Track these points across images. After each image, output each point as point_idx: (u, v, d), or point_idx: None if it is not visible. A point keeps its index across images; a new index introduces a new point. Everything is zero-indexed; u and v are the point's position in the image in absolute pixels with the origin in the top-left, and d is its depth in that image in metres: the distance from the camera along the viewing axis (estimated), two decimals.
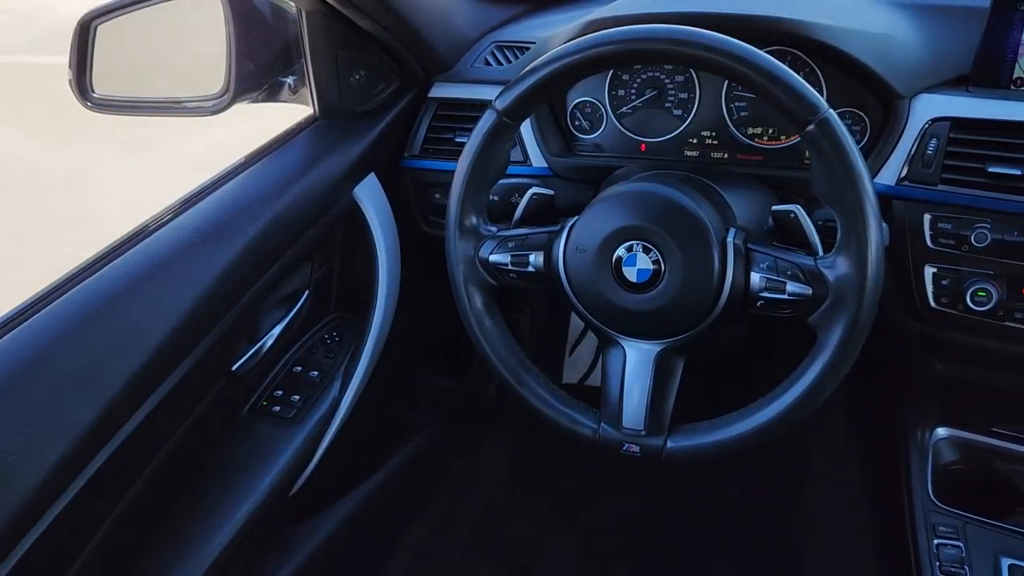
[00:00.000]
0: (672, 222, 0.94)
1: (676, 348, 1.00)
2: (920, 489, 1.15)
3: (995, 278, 1.06)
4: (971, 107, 1.07)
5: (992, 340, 1.11)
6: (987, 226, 1.05)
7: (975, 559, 1.06)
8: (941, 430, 1.23)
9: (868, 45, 1.09)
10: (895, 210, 1.11)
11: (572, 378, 2.16)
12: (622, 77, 1.29)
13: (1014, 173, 1.02)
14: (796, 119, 0.86)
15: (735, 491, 1.87)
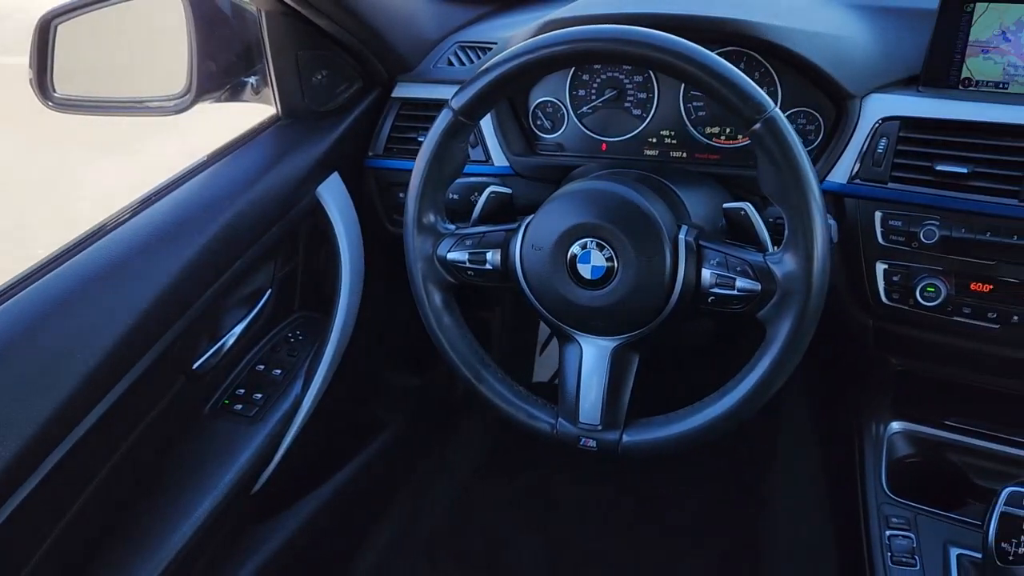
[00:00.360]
0: (625, 220, 0.95)
1: (631, 344, 1.01)
2: (874, 482, 1.17)
3: (944, 274, 1.08)
4: (920, 107, 1.10)
5: (941, 335, 1.13)
6: (936, 223, 1.07)
7: (925, 549, 1.07)
8: (895, 424, 1.25)
9: (819, 46, 1.11)
10: (847, 208, 1.13)
11: (543, 376, 2.17)
12: (582, 77, 1.31)
13: (960, 171, 1.05)
14: (743, 118, 0.88)
15: (701, 487, 1.90)
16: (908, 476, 1.24)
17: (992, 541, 0.92)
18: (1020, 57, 1.09)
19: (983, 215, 1.05)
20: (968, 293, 1.07)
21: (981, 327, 1.08)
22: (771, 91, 1.20)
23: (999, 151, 1.04)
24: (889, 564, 1.07)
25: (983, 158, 1.05)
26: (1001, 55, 1.10)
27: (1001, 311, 1.06)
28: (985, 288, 1.07)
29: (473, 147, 1.33)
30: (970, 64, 1.12)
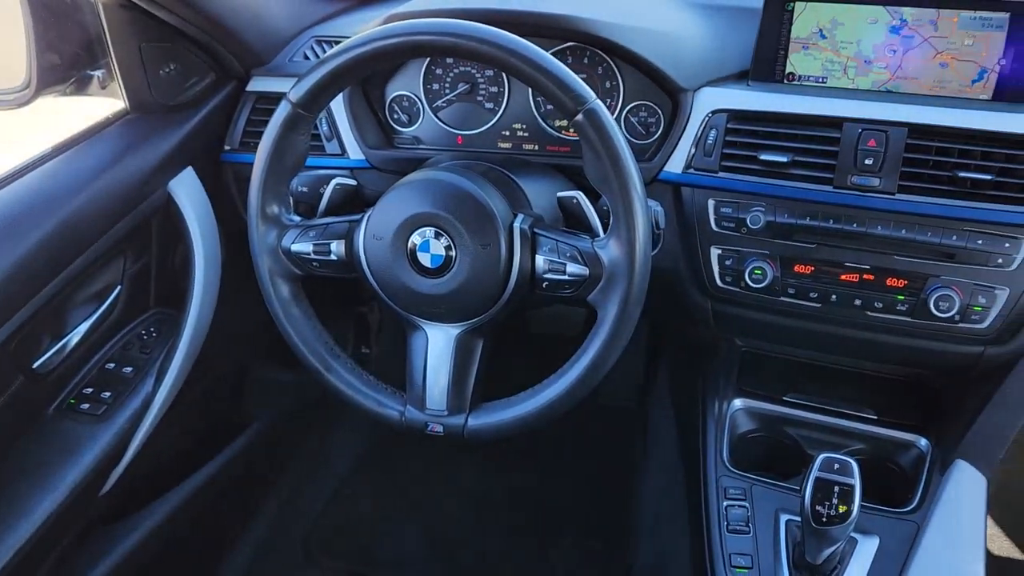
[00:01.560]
0: (460, 209, 0.98)
1: (475, 330, 1.04)
2: (714, 457, 1.23)
3: (770, 257, 1.15)
4: (747, 100, 1.16)
5: (771, 314, 1.20)
6: (761, 209, 1.13)
7: (759, 517, 1.14)
8: (738, 401, 1.32)
9: (652, 42, 1.16)
10: (684, 196, 1.19)
11: None
12: (436, 71, 1.33)
13: (782, 160, 1.11)
14: (566, 109, 0.91)
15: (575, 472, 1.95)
16: (750, 450, 1.31)
17: (808, 505, 0.98)
18: (836, 53, 1.17)
19: (803, 201, 1.12)
20: (792, 275, 1.15)
21: (805, 306, 1.16)
22: (613, 85, 1.25)
23: (816, 141, 1.11)
24: (725, 533, 1.13)
25: (802, 148, 1.12)
26: (820, 51, 1.17)
27: (821, 291, 1.14)
28: (807, 270, 1.14)
29: (329, 140, 1.33)
30: (793, 60, 1.19)
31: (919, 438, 1.23)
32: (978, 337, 1.10)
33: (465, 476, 1.94)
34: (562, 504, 1.87)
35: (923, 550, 1.06)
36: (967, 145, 1.06)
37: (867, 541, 1.09)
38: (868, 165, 1.08)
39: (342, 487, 1.87)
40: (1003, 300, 1.06)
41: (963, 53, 1.11)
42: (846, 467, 0.99)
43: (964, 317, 1.08)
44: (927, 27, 1.11)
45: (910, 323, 1.11)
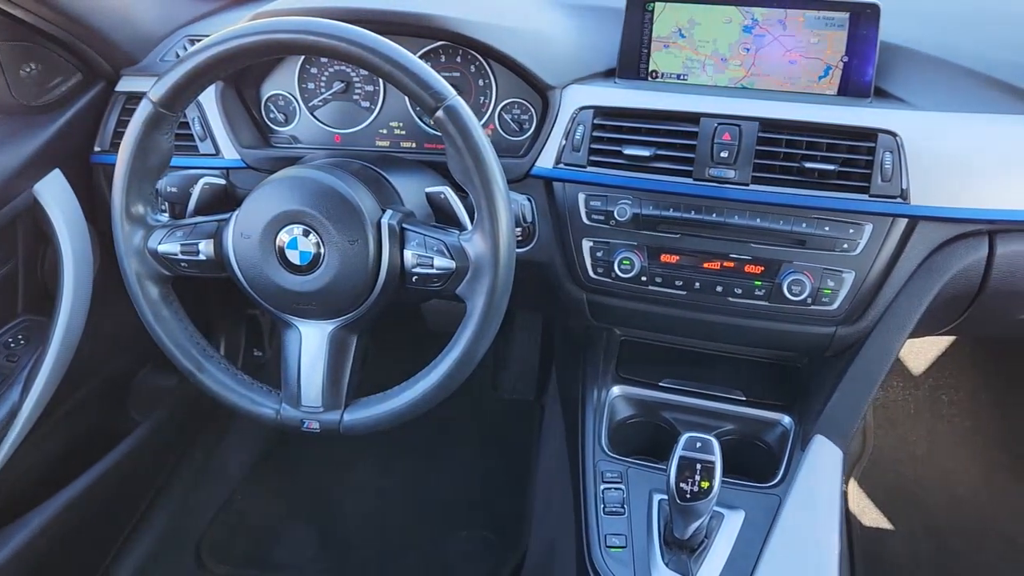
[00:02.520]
0: (327, 206, 0.99)
1: (348, 326, 1.05)
2: (593, 442, 1.27)
3: (637, 248, 1.19)
4: (612, 96, 1.20)
5: (642, 303, 1.25)
6: (628, 202, 1.18)
7: (634, 498, 1.18)
8: (616, 389, 1.36)
9: (518, 41, 1.19)
10: (556, 191, 1.22)
11: None
12: (311, 70, 1.33)
13: (645, 154, 1.16)
14: (426, 106, 0.93)
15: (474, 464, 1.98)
16: (629, 434, 1.35)
17: (673, 483, 1.03)
18: (695, 52, 1.22)
19: (666, 193, 1.17)
20: (659, 264, 1.19)
21: (671, 294, 1.21)
22: (486, 83, 1.28)
23: (676, 135, 1.16)
24: (602, 515, 1.17)
25: (663, 142, 1.17)
26: (680, 50, 1.23)
27: (686, 279, 1.19)
28: (673, 259, 1.19)
29: (202, 140, 1.31)
30: (655, 58, 1.24)
31: (783, 416, 1.30)
32: (829, 318, 1.17)
33: (362, 473, 1.94)
34: (460, 497, 1.90)
35: (783, 520, 1.12)
36: (814, 137, 1.12)
37: (733, 515, 1.14)
38: (724, 158, 1.13)
39: (235, 491, 1.84)
40: (850, 282, 1.13)
41: (810, 51, 1.18)
42: (707, 445, 1.04)
43: (816, 300, 1.15)
44: (776, 26, 1.18)
45: (768, 307, 1.17)
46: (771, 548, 1.09)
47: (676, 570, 1.08)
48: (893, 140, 1.09)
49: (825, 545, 1.10)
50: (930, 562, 1.70)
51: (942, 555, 1.72)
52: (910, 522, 1.78)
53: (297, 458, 1.95)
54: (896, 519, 1.79)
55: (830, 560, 1.08)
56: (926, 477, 1.89)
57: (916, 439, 1.98)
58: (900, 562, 1.70)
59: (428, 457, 2.01)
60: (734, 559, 1.09)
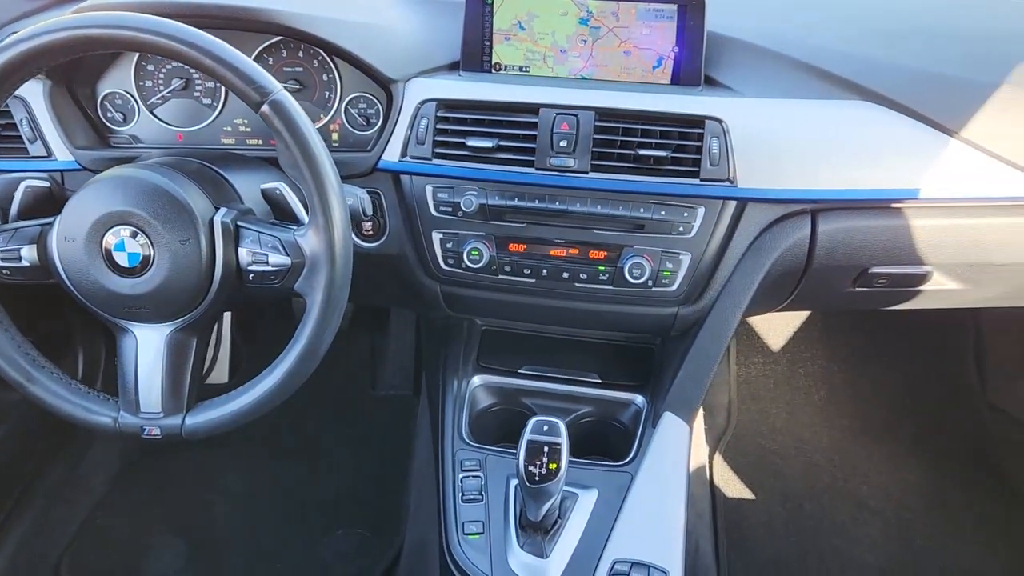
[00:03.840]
0: (155, 205, 0.96)
1: (186, 327, 1.02)
2: (452, 432, 1.28)
3: (485, 238, 1.21)
4: (455, 89, 1.21)
5: (493, 292, 1.27)
6: (474, 193, 1.19)
7: (491, 485, 1.20)
8: (477, 378, 1.38)
9: (356, 35, 1.19)
10: (404, 184, 1.22)
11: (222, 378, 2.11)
12: (147, 67, 1.29)
13: (488, 145, 1.17)
14: (250, 101, 0.92)
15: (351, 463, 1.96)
16: (491, 422, 1.37)
17: (522, 466, 1.05)
18: (535, 44, 1.25)
19: (510, 183, 1.19)
20: (507, 253, 1.21)
21: (520, 282, 1.23)
22: (330, 78, 1.27)
23: (517, 126, 1.18)
24: (460, 504, 1.18)
25: (506, 133, 1.18)
26: (520, 42, 1.25)
27: (533, 267, 1.21)
28: (520, 248, 1.21)
29: (32, 142, 1.25)
30: (498, 50, 1.26)
31: (636, 396, 1.34)
32: (670, 299, 1.22)
33: (232, 478, 1.90)
34: (337, 496, 1.88)
35: (633, 496, 1.16)
36: (648, 125, 1.16)
37: (587, 494, 1.18)
38: (563, 147, 1.16)
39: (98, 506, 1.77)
40: (687, 264, 1.18)
41: (643, 42, 1.22)
42: (554, 428, 1.06)
43: (656, 282, 1.19)
44: (610, 18, 1.21)
45: (612, 291, 1.21)
46: (621, 523, 1.13)
47: (531, 552, 1.11)
48: (719, 126, 1.14)
49: (672, 516, 1.14)
50: (786, 527, 1.79)
51: (797, 519, 1.81)
52: (769, 490, 1.88)
53: (165, 468, 1.89)
54: (756, 488, 1.88)
55: (676, 530, 1.12)
56: (784, 447, 1.99)
57: (776, 411, 2.09)
58: (759, 528, 1.79)
59: (304, 459, 1.98)
60: (587, 537, 1.12)
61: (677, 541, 1.11)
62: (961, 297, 1.34)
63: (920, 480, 1.90)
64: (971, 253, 1.21)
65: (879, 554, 1.74)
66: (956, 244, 1.21)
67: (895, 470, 1.93)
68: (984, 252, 1.21)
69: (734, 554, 1.71)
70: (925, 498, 1.86)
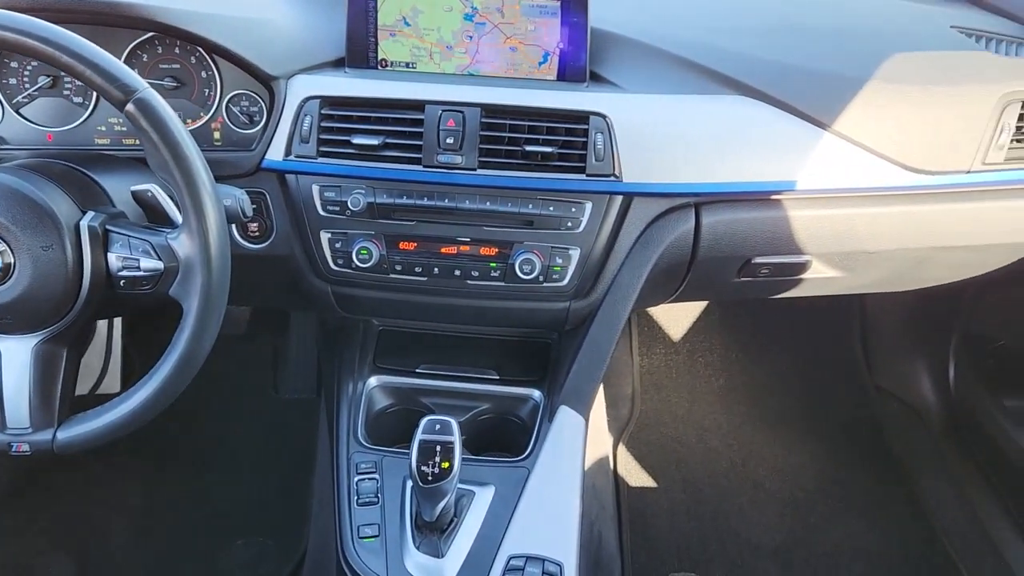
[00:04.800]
0: (14, 211, 0.91)
1: (54, 338, 0.97)
2: (347, 435, 1.26)
3: (375, 237, 1.20)
4: (338, 86, 1.19)
5: (386, 291, 1.25)
6: (362, 192, 1.17)
7: (387, 487, 1.19)
8: (373, 379, 1.36)
9: (232, 30, 1.15)
10: (290, 183, 1.20)
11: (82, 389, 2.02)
12: (10, 64, 1.22)
13: (374, 143, 1.16)
14: (114, 99, 0.88)
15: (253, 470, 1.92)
16: (389, 423, 1.36)
17: (415, 467, 1.04)
18: (420, 40, 1.23)
19: (398, 181, 1.17)
20: (398, 252, 1.20)
21: (412, 280, 1.22)
22: (209, 75, 1.22)
23: (404, 123, 1.17)
24: (355, 507, 1.16)
25: (392, 130, 1.17)
26: (406, 38, 1.23)
27: (425, 265, 1.20)
28: (411, 246, 1.20)
29: None
30: (383, 46, 1.24)
31: (534, 391, 1.35)
32: (562, 293, 1.23)
33: (126, 491, 1.83)
34: (237, 505, 1.83)
35: (529, 491, 1.17)
36: (534, 122, 1.17)
37: (484, 491, 1.18)
38: (450, 144, 1.16)
39: None
40: (577, 258, 1.19)
41: (528, 38, 1.22)
42: (446, 427, 1.06)
43: (547, 277, 1.20)
44: (495, 14, 1.21)
45: (504, 287, 1.21)
46: (518, 519, 1.14)
47: (427, 552, 1.10)
48: (604, 122, 1.15)
49: (567, 509, 1.15)
50: (688, 513, 1.84)
51: (698, 505, 1.86)
52: (671, 477, 1.92)
53: (52, 486, 1.80)
54: (659, 476, 1.92)
55: (571, 522, 1.14)
56: (686, 434, 2.04)
57: (678, 400, 2.14)
58: (662, 516, 1.83)
59: (205, 467, 1.92)
60: (483, 534, 1.12)
61: (572, 533, 1.12)
62: (840, 284, 1.40)
63: (812, 460, 1.98)
64: (846, 242, 1.26)
65: (775, 534, 1.80)
66: (832, 233, 1.26)
67: (789, 452, 2.00)
68: (858, 240, 1.26)
69: (637, 542, 1.75)
70: (817, 477, 1.94)
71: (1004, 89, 1.24)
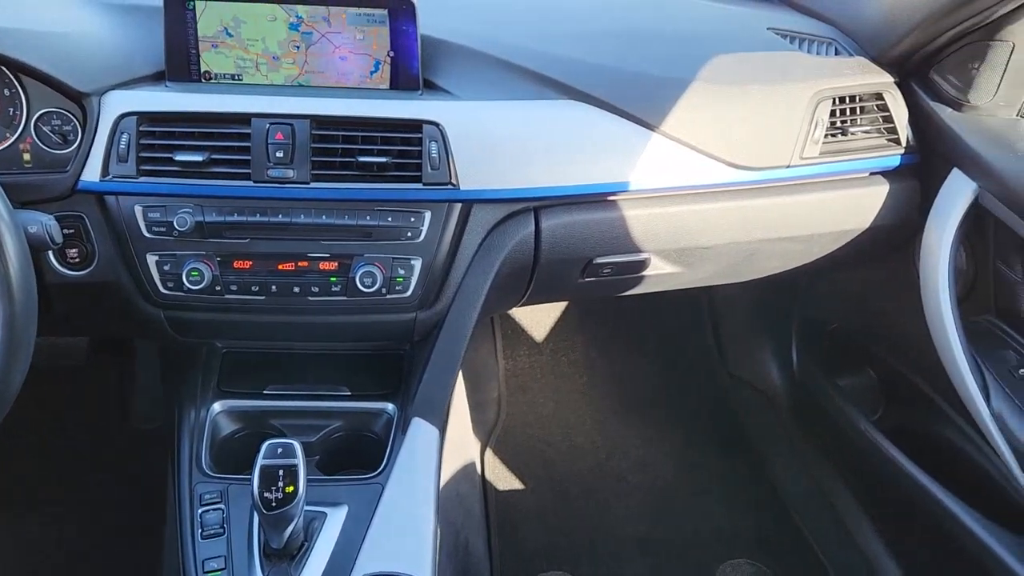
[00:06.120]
0: None
1: None
2: (188, 465, 1.20)
3: (207, 258, 1.14)
4: (160, 101, 1.14)
5: (224, 313, 1.20)
6: (189, 211, 1.12)
7: (234, 517, 1.14)
8: (217, 404, 1.30)
9: (33, 45, 1.08)
10: (110, 205, 1.13)
11: None
12: None
13: (198, 159, 1.11)
14: None
15: (102, 506, 1.81)
16: (237, 449, 1.30)
17: (256, 493, 1.00)
18: (245, 51, 1.19)
19: (227, 198, 1.13)
20: (232, 271, 1.15)
21: (250, 300, 1.17)
22: (13, 92, 1.14)
23: (230, 138, 1.13)
24: (200, 540, 1.11)
25: (218, 145, 1.13)
26: (230, 49, 1.19)
27: (262, 283, 1.16)
28: (246, 265, 1.16)
29: None
30: (206, 58, 1.19)
31: (387, 404, 1.33)
32: (406, 305, 1.21)
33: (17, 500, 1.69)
34: (84, 545, 1.72)
35: (383, 507, 1.14)
36: (367, 132, 1.15)
37: (336, 512, 1.14)
38: (280, 158, 1.12)
39: None
40: (419, 269, 1.18)
41: (357, 47, 1.20)
42: (289, 449, 1.02)
43: (390, 289, 1.18)
44: (322, 23, 1.19)
45: (347, 301, 1.19)
46: (371, 536, 1.11)
47: None
48: (437, 130, 1.15)
49: (421, 522, 1.14)
50: (554, 512, 1.86)
51: (565, 504, 1.89)
52: (539, 478, 1.94)
53: None
54: (527, 478, 1.94)
55: (426, 535, 1.12)
56: (551, 434, 2.07)
57: (543, 400, 2.16)
58: (531, 518, 1.84)
59: (52, 506, 1.80)
60: (336, 557, 1.09)
61: (426, 546, 1.11)
62: (680, 279, 1.45)
63: (672, 450, 2.05)
64: (681, 238, 1.31)
65: (639, 524, 1.85)
66: (667, 231, 1.30)
67: (650, 443, 2.06)
68: (691, 236, 1.31)
69: (506, 546, 1.75)
70: (677, 466, 2.01)
71: (816, 87, 1.32)
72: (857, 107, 1.34)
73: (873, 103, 1.36)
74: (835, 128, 1.34)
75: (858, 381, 1.83)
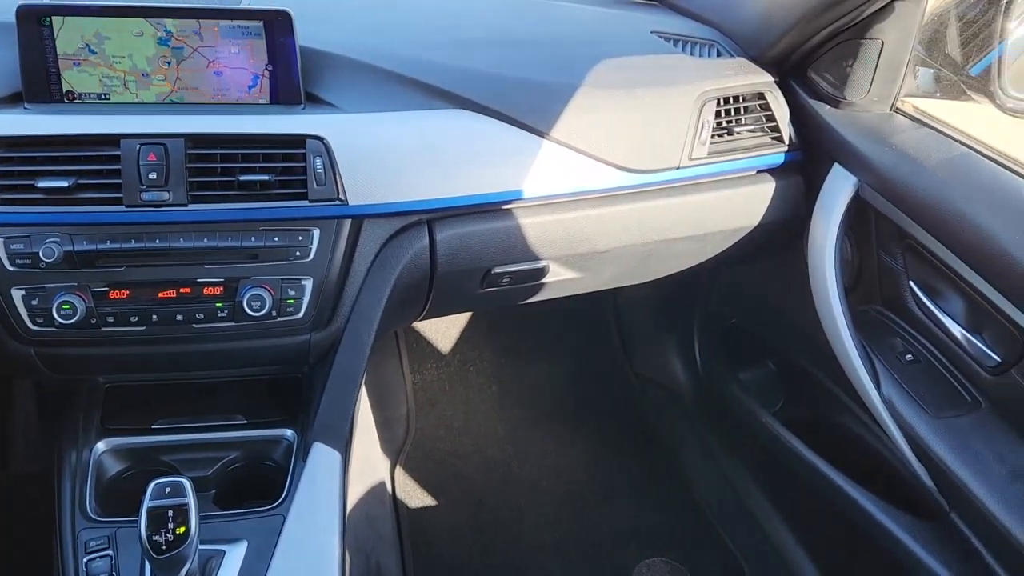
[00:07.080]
0: None
1: None
2: (70, 511, 1.13)
3: (79, 289, 1.07)
4: (16, 124, 1.06)
5: (102, 347, 1.13)
6: (56, 241, 1.05)
7: (123, 562, 1.07)
8: (101, 444, 1.22)
9: None
10: None
11: None
12: None
13: (63, 185, 1.04)
14: None
15: None
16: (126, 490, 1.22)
17: (145, 537, 0.94)
18: (111, 68, 1.12)
19: (99, 225, 1.06)
20: (108, 302, 1.09)
21: (128, 331, 1.11)
22: None
23: (97, 161, 1.06)
24: None
25: (84, 169, 1.06)
26: (94, 67, 1.12)
27: (141, 313, 1.10)
28: (123, 294, 1.09)
29: None
30: (67, 77, 1.12)
31: (286, 431, 1.27)
32: (299, 327, 1.17)
33: None
34: None
35: (284, 539, 1.10)
36: (247, 149, 1.10)
37: (235, 548, 1.09)
38: (153, 180, 1.06)
39: None
40: (311, 289, 1.14)
41: (233, 61, 1.15)
42: (178, 488, 0.97)
43: (280, 311, 1.13)
44: (193, 38, 1.13)
45: (235, 327, 1.14)
46: (273, 572, 1.06)
47: None
48: (321, 144, 1.11)
49: (324, 550, 1.09)
50: (469, 527, 1.84)
51: (479, 516, 1.86)
52: (451, 493, 1.91)
53: None
54: (439, 494, 1.90)
55: (330, 564, 1.08)
56: (463, 447, 2.04)
57: (453, 413, 2.13)
58: (445, 534, 1.81)
59: None
60: None
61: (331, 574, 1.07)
62: (581, 284, 1.45)
63: (583, 453, 2.05)
64: (577, 243, 1.31)
65: (554, 531, 1.84)
66: (563, 237, 1.29)
67: (561, 448, 2.05)
68: (588, 241, 1.31)
69: (421, 565, 1.71)
70: (588, 469, 2.01)
71: (700, 88, 1.33)
72: (741, 107, 1.37)
73: (756, 103, 1.39)
74: (721, 128, 1.36)
75: (759, 374, 1.87)
